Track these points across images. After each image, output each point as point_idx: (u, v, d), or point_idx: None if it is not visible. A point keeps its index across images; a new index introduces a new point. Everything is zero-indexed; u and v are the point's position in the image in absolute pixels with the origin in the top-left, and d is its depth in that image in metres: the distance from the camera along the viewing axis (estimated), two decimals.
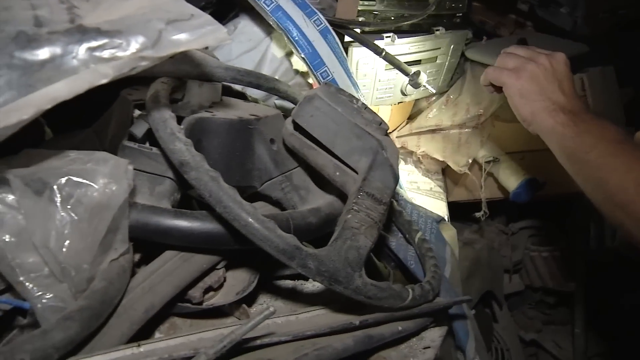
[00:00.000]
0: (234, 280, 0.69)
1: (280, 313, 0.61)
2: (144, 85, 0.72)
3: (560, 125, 0.78)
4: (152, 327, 0.62)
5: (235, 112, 0.73)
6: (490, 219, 1.63)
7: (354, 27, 1.06)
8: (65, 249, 0.52)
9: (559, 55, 0.85)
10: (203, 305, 0.64)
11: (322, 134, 0.69)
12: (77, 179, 0.53)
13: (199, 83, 0.73)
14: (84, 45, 0.49)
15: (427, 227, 0.98)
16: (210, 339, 0.54)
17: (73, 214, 0.52)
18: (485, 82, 0.92)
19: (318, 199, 0.75)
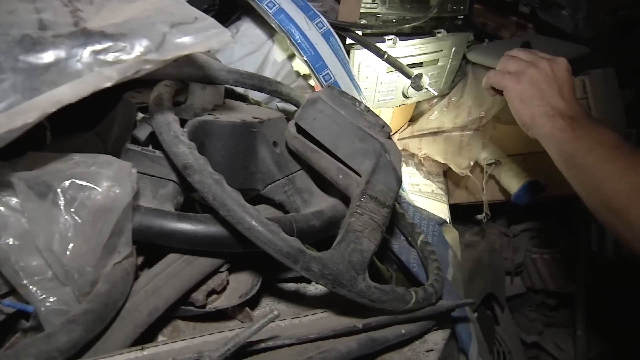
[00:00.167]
0: (237, 284, 0.69)
1: (284, 316, 0.61)
2: (147, 88, 0.72)
3: (559, 130, 0.79)
4: (155, 330, 0.61)
5: (238, 114, 0.73)
6: (492, 221, 1.63)
7: (356, 29, 1.06)
8: (69, 252, 0.52)
9: (561, 60, 0.85)
10: (206, 309, 0.64)
11: (325, 137, 0.69)
12: (80, 182, 0.53)
13: (202, 86, 0.73)
14: (88, 49, 0.49)
15: (429, 229, 0.98)
16: (214, 342, 0.54)
17: (77, 217, 0.52)
18: (487, 85, 0.92)
19: (321, 202, 0.74)
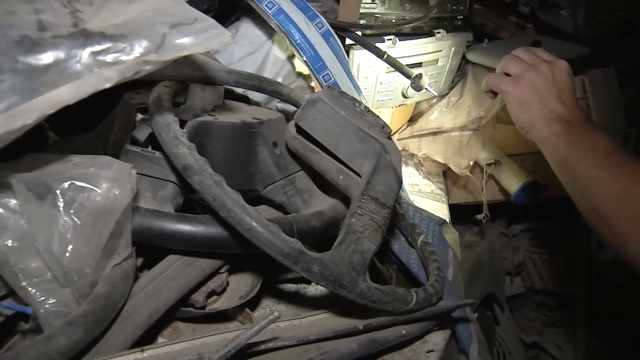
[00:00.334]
0: (237, 285, 0.69)
1: (284, 317, 0.61)
2: (146, 89, 0.72)
3: (554, 136, 0.78)
4: (155, 331, 0.61)
5: (238, 115, 0.72)
6: (491, 221, 1.63)
7: (356, 30, 1.06)
8: (68, 254, 0.51)
9: (561, 63, 0.84)
10: (206, 310, 0.64)
11: (325, 138, 0.69)
12: (80, 184, 0.53)
13: (202, 86, 0.72)
14: (88, 50, 0.49)
15: (429, 230, 0.98)
16: (214, 344, 0.54)
17: (76, 219, 0.52)
18: (486, 88, 0.92)
19: (321, 203, 0.74)
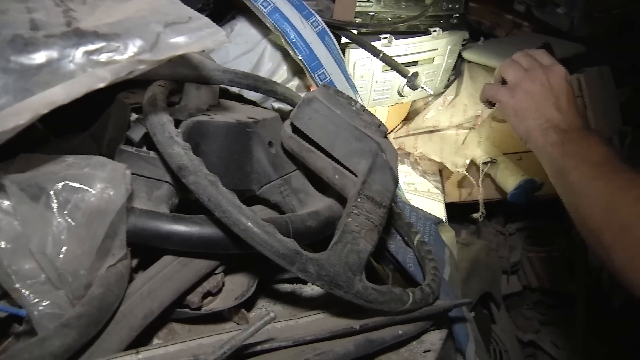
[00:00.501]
0: (233, 285, 0.68)
1: (280, 317, 0.60)
2: (141, 88, 0.72)
3: (550, 145, 0.78)
4: (150, 333, 0.61)
5: (233, 114, 0.72)
6: (488, 220, 1.63)
7: (351, 28, 1.05)
8: (62, 255, 0.51)
9: (558, 69, 0.83)
10: (202, 311, 0.64)
11: (321, 137, 0.68)
12: (74, 184, 0.53)
13: (197, 86, 0.72)
14: (81, 49, 0.49)
15: (425, 229, 0.97)
16: (210, 345, 0.54)
17: (70, 220, 0.52)
18: (483, 98, 0.91)
19: (317, 202, 0.74)
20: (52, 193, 0.52)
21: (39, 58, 0.47)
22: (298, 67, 0.99)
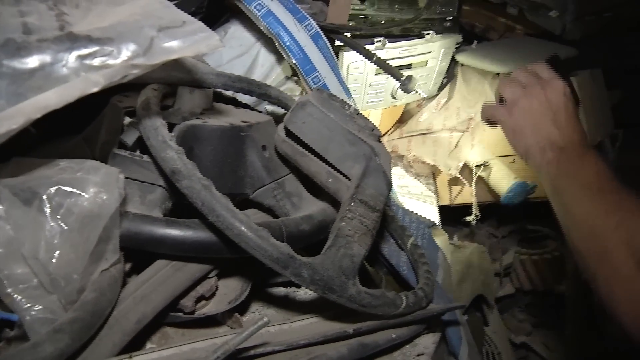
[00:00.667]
0: (226, 289, 0.68)
1: (274, 321, 0.60)
2: (134, 92, 0.71)
3: (546, 164, 0.77)
4: (143, 337, 0.61)
5: (227, 118, 0.72)
6: (481, 223, 1.63)
7: (345, 31, 1.06)
8: (55, 260, 0.51)
9: (557, 84, 0.81)
10: (195, 315, 0.64)
11: (314, 141, 0.69)
12: (67, 189, 0.52)
13: (190, 89, 0.72)
14: (74, 53, 0.49)
15: (419, 232, 0.98)
16: (203, 349, 0.54)
17: (63, 224, 0.51)
18: (483, 118, 0.91)
19: (310, 206, 0.74)
20: (45, 197, 0.52)
21: (32, 62, 0.47)
22: (292, 70, 0.99)
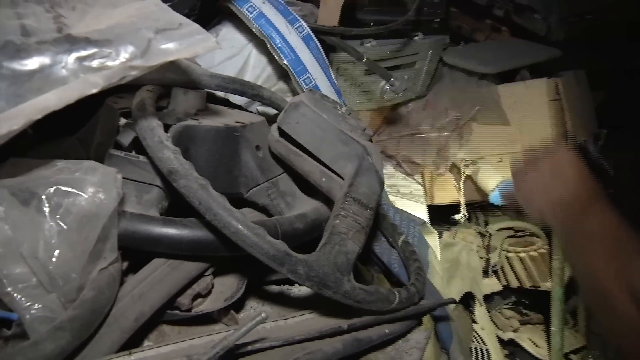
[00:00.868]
0: (222, 287, 0.69)
1: (269, 318, 0.61)
2: (129, 93, 0.72)
3: (557, 224, 0.78)
4: (141, 335, 0.61)
5: (221, 119, 0.73)
6: (468, 221, 1.65)
7: (336, 33, 1.07)
8: (55, 259, 0.51)
9: (563, 152, 0.83)
10: (192, 312, 0.64)
11: (308, 141, 0.70)
12: (65, 189, 0.53)
13: (184, 91, 0.73)
14: (73, 55, 0.49)
15: (409, 230, 0.99)
16: (201, 346, 0.55)
17: (62, 224, 0.52)
18: (504, 203, 0.92)
19: (304, 205, 0.75)
20: (43, 197, 0.52)
21: (32, 64, 0.48)
22: (283, 71, 1.00)
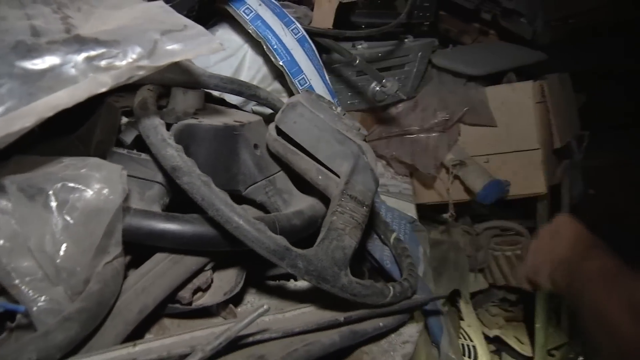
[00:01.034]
0: (221, 282, 0.71)
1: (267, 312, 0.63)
2: (128, 92, 0.73)
3: (561, 279, 0.81)
4: (142, 329, 0.63)
5: (220, 118, 0.75)
6: (455, 221, 1.68)
7: (330, 35, 1.09)
8: (62, 253, 0.53)
9: (561, 217, 0.90)
10: (193, 306, 0.66)
11: (305, 140, 0.72)
12: (72, 185, 0.54)
13: (184, 90, 0.74)
14: (82, 55, 0.51)
15: (401, 228, 1.02)
16: (203, 337, 0.56)
17: (69, 219, 0.53)
18: (522, 283, 0.96)
19: (300, 202, 0.77)
20: (50, 193, 0.53)
21: (43, 63, 0.49)
22: (277, 72, 1.02)
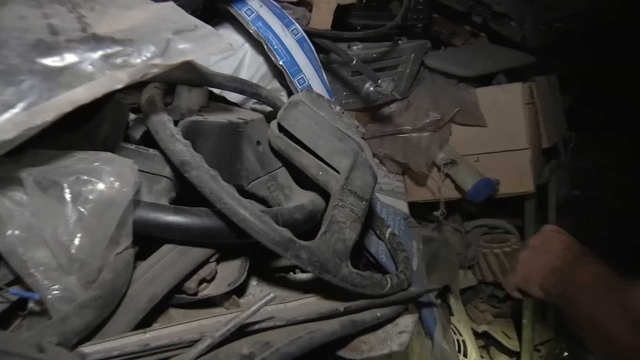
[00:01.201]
0: (224, 273, 0.73)
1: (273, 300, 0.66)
2: (134, 90, 0.75)
3: (552, 288, 0.83)
4: (149, 318, 0.65)
5: (224, 115, 0.77)
6: (446, 219, 1.72)
7: (328, 36, 1.11)
8: (76, 243, 0.55)
9: (548, 227, 0.91)
10: (198, 296, 0.69)
11: (306, 137, 0.74)
12: (85, 177, 0.56)
13: (188, 88, 0.76)
14: (99, 53, 0.53)
15: (395, 223, 1.05)
16: (210, 325, 0.59)
17: (83, 210, 0.55)
18: (510, 290, 0.96)
19: (301, 197, 0.80)
20: (65, 185, 0.56)
21: (62, 61, 0.51)
22: (276, 71, 1.04)
